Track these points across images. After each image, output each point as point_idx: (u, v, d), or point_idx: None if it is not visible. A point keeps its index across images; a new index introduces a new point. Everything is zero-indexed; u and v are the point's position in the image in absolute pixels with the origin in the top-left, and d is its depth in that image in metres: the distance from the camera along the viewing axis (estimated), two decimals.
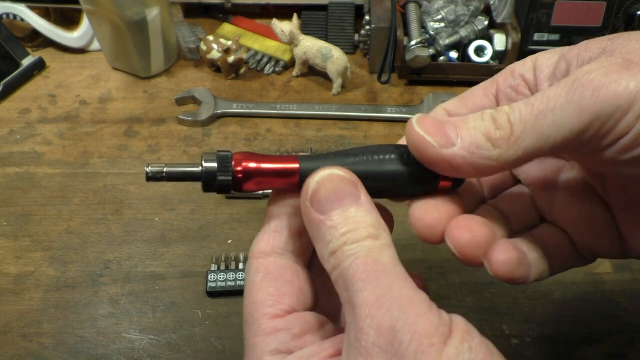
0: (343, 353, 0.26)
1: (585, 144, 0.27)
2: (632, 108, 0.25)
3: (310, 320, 0.30)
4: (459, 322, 0.25)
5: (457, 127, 0.28)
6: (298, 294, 0.31)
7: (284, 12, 0.80)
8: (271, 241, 0.32)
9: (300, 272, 0.32)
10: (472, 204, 0.34)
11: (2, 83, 0.74)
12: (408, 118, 0.71)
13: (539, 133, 0.27)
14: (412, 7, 0.75)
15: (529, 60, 0.33)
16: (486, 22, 0.74)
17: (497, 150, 0.27)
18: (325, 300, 0.33)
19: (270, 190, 0.32)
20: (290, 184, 0.30)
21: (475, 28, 0.74)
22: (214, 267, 0.55)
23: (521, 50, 0.73)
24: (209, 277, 0.54)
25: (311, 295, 0.32)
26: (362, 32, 0.79)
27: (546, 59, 0.32)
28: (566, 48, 0.31)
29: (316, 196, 0.28)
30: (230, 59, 0.73)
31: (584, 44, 0.30)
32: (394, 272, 0.26)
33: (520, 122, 0.27)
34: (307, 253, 0.33)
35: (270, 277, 0.31)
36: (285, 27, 0.73)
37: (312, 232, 0.28)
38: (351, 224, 0.27)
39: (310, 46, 0.73)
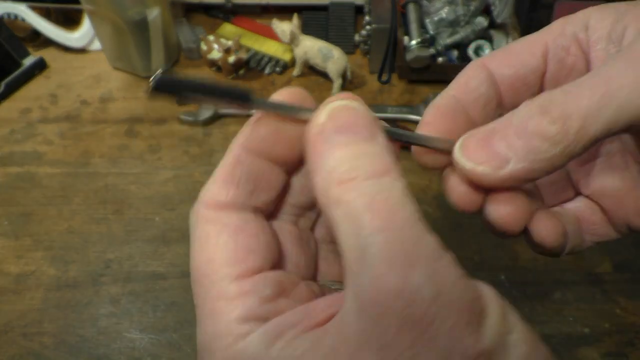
0: (342, 324, 0.21)
1: None
2: None
3: (283, 280, 0.25)
4: (490, 294, 0.21)
5: (504, 135, 0.25)
6: (265, 251, 0.25)
7: (284, 13, 0.81)
8: (231, 193, 0.25)
9: (265, 225, 0.27)
10: None
11: (3, 83, 0.74)
12: (408, 118, 0.71)
13: (604, 119, 0.24)
14: (412, 7, 0.75)
15: (580, 16, 0.30)
16: (486, 22, 0.74)
17: (559, 147, 0.24)
18: (296, 255, 0.29)
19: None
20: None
21: (475, 28, 0.74)
22: None
23: None
24: None
25: (279, 253, 0.27)
26: (363, 32, 0.79)
27: (601, 19, 0.29)
28: (622, 7, 0.28)
29: (327, 123, 0.23)
30: (231, 59, 0.74)
31: None
32: (419, 223, 0.20)
33: (580, 109, 0.24)
34: (275, 206, 0.29)
35: (229, 230, 0.25)
36: (285, 27, 0.73)
37: (314, 161, 0.23)
38: (363, 158, 0.22)
39: (311, 46, 0.73)
